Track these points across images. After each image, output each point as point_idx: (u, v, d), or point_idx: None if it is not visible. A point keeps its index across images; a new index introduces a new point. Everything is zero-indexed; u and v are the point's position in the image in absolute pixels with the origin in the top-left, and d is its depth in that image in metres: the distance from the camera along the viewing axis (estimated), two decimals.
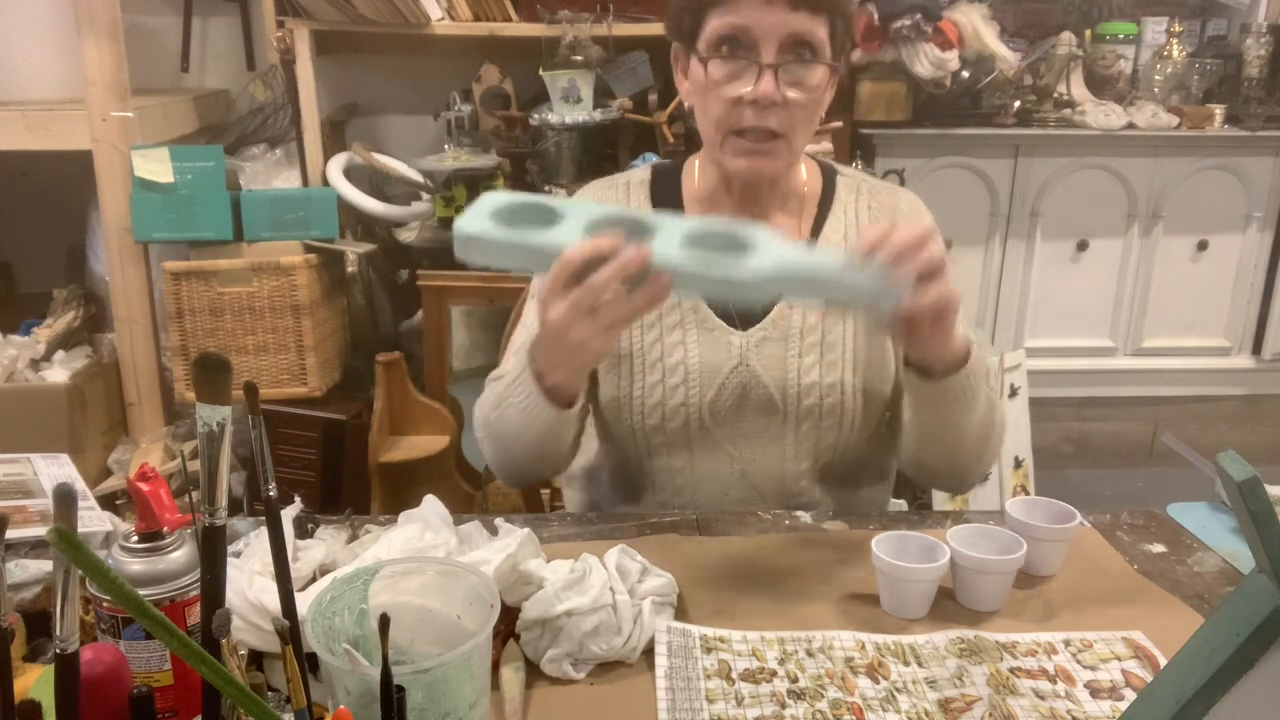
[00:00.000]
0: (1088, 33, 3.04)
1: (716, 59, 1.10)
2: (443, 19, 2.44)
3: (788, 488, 1.19)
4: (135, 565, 0.71)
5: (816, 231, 1.22)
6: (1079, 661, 0.87)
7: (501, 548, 0.87)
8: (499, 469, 1.20)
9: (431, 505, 0.93)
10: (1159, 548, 1.08)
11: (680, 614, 0.92)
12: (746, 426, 1.18)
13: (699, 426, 1.18)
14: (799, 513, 1.13)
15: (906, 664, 0.86)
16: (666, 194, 1.24)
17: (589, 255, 0.90)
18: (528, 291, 1.28)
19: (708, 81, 1.11)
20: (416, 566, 0.77)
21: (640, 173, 1.28)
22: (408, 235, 2.56)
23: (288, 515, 0.94)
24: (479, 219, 0.93)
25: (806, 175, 1.24)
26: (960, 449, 1.13)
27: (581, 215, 0.95)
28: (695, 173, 1.25)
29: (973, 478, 1.19)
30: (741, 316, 1.18)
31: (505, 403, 1.10)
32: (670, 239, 0.92)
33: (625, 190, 1.26)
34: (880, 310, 0.94)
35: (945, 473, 1.19)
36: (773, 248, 0.91)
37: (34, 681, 0.73)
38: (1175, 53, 2.98)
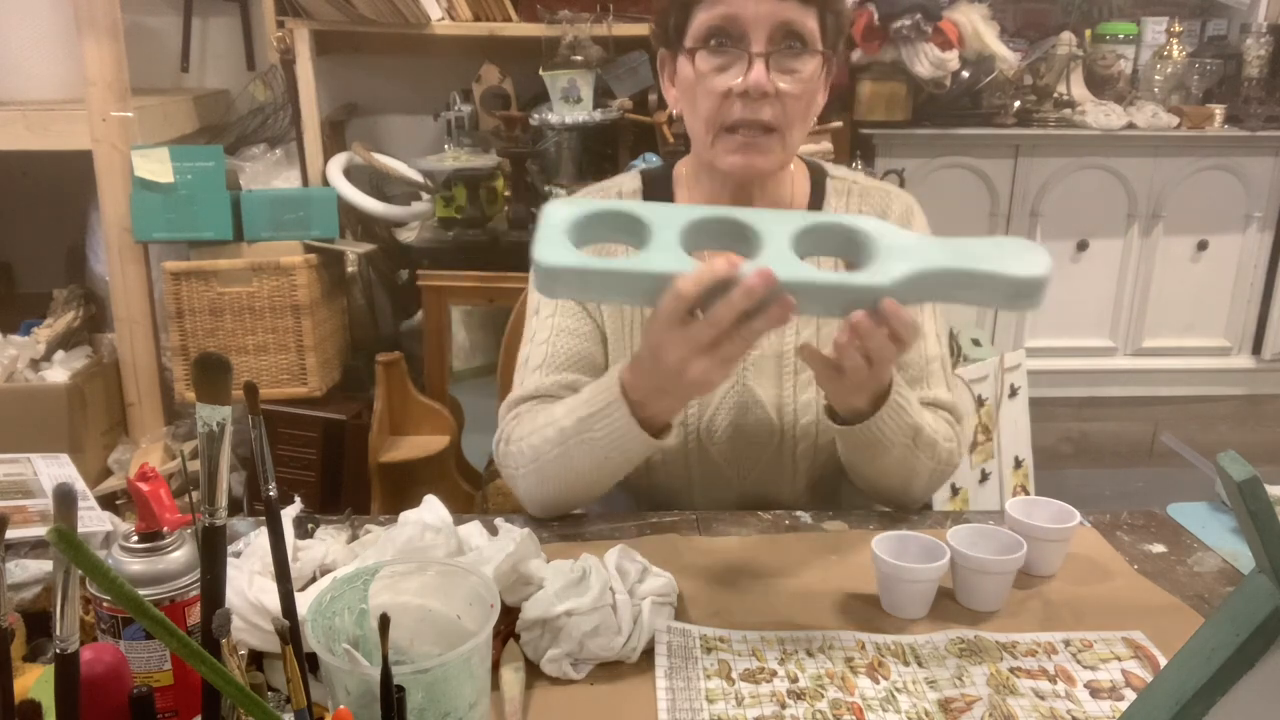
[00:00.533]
0: (1088, 33, 3.04)
1: (705, 51, 1.07)
2: (443, 19, 2.44)
3: (789, 505, 1.18)
4: (135, 565, 0.71)
5: None
6: (1079, 661, 0.87)
7: (501, 548, 0.87)
8: (544, 504, 1.10)
9: (431, 505, 0.93)
10: (1159, 548, 1.08)
11: (680, 614, 0.92)
12: (745, 447, 1.17)
13: (697, 446, 1.17)
14: (799, 513, 1.13)
15: (906, 664, 0.86)
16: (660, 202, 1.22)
17: (707, 286, 0.82)
18: (528, 304, 1.23)
19: (696, 75, 1.08)
20: (416, 566, 0.77)
21: (631, 180, 1.25)
22: (408, 235, 2.56)
23: (288, 515, 0.94)
24: (559, 245, 0.82)
25: (794, 178, 1.22)
26: (878, 484, 1.14)
27: (673, 222, 0.85)
28: (685, 178, 1.22)
29: (903, 505, 1.17)
30: None
31: (580, 439, 1.03)
32: (780, 244, 0.83)
33: (617, 199, 1.22)
34: (1019, 302, 0.86)
35: (872, 497, 1.19)
36: (897, 242, 0.84)
37: (34, 681, 0.73)
38: (1175, 53, 2.98)
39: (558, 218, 0.85)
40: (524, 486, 1.10)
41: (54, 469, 1.14)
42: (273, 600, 0.77)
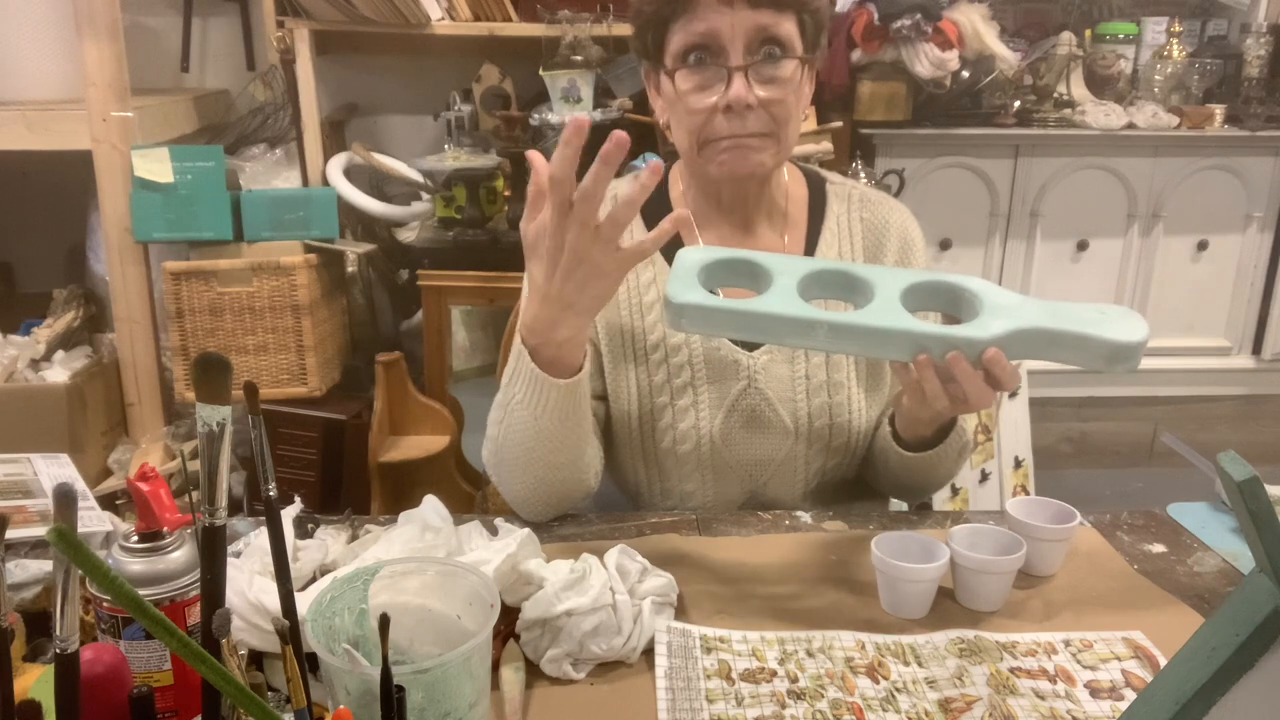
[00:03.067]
0: (1088, 33, 3.04)
1: (684, 69, 1.07)
2: (443, 19, 2.44)
3: (797, 508, 1.18)
4: (135, 565, 0.71)
5: (810, 247, 1.20)
6: (1079, 661, 0.87)
7: (501, 548, 0.87)
8: (521, 499, 1.09)
9: (431, 505, 0.93)
10: (1159, 548, 1.08)
11: (680, 614, 0.92)
12: (758, 449, 1.17)
13: (710, 450, 1.17)
14: (799, 513, 1.13)
15: (906, 664, 0.86)
16: (654, 208, 1.19)
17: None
18: (517, 311, 1.24)
19: (678, 94, 1.07)
20: (416, 566, 0.77)
21: (625, 186, 1.24)
22: (408, 235, 2.56)
23: (288, 515, 0.94)
24: (689, 285, 0.90)
25: (790, 185, 1.22)
26: (913, 488, 1.20)
27: (793, 271, 0.92)
28: (679, 184, 1.22)
29: (928, 496, 1.25)
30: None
31: (510, 406, 1.02)
32: (889, 296, 0.90)
33: (613, 205, 1.22)
34: (1116, 365, 0.89)
35: (902, 495, 1.25)
36: (1001, 301, 0.90)
37: (34, 681, 0.73)
38: (1175, 53, 2.98)
39: (690, 261, 0.93)
40: (504, 487, 1.10)
41: (54, 469, 1.14)
42: (273, 600, 0.77)
